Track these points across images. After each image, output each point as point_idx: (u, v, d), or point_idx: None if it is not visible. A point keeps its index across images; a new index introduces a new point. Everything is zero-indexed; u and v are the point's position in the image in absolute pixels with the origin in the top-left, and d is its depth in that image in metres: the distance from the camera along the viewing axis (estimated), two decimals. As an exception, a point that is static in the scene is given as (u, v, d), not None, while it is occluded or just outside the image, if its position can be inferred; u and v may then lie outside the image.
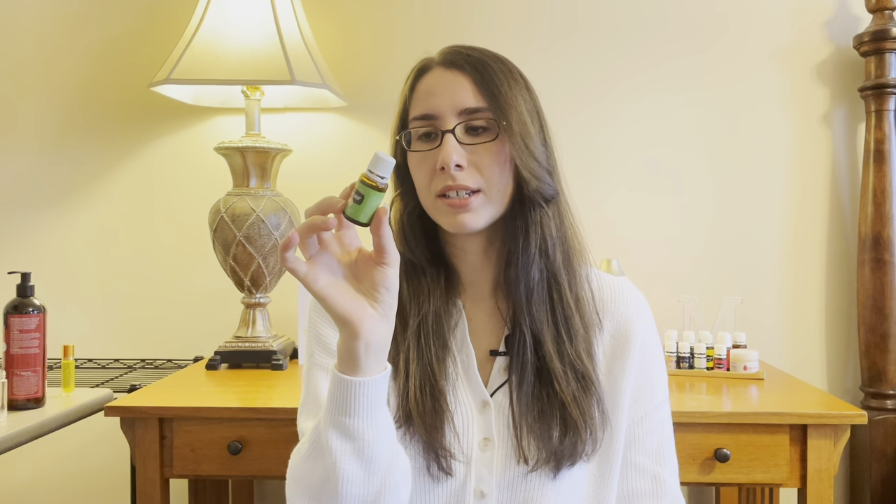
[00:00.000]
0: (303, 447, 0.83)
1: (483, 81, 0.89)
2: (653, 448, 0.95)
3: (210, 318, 1.99)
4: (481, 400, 0.92)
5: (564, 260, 0.92)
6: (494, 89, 0.89)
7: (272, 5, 1.72)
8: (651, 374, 0.96)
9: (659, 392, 0.97)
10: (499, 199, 0.90)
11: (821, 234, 1.95)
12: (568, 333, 0.91)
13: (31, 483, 2.02)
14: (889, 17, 1.83)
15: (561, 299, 0.91)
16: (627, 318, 0.95)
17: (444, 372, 0.91)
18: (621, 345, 0.95)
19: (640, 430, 0.95)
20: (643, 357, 0.95)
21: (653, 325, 0.99)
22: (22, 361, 1.38)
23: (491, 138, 0.89)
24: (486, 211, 0.89)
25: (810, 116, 1.95)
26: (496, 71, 0.90)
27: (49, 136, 2.03)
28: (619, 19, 1.97)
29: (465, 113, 0.89)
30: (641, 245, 1.95)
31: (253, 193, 1.74)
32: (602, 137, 1.96)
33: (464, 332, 0.94)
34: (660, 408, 0.97)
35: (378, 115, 1.98)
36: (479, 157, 0.88)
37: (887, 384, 1.83)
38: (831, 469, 1.35)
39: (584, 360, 0.91)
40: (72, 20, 2.02)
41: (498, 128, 0.88)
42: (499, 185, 0.89)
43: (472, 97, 0.89)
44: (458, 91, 0.89)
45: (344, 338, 0.75)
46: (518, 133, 0.88)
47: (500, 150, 0.89)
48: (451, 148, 0.87)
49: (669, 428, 0.98)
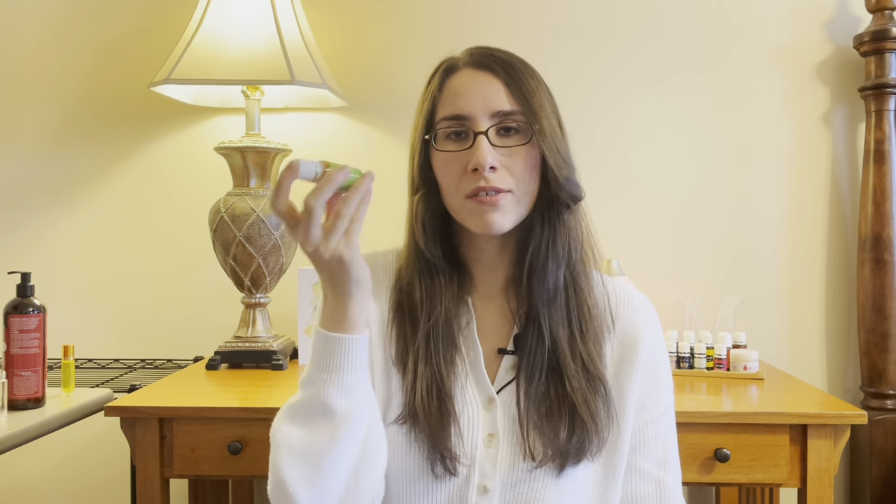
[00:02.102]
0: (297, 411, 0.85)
1: (514, 84, 0.90)
2: (657, 454, 0.96)
3: (210, 318, 1.99)
4: (487, 397, 0.93)
5: (582, 262, 0.94)
6: (526, 92, 0.90)
7: (272, 5, 1.72)
8: (657, 380, 0.97)
9: (665, 398, 0.98)
10: (526, 201, 0.91)
11: (821, 234, 1.95)
12: (582, 334, 0.92)
13: (31, 483, 2.02)
14: (889, 17, 1.83)
15: (578, 301, 0.93)
16: (635, 323, 0.96)
17: (452, 371, 0.92)
18: (629, 350, 0.95)
19: (645, 435, 0.96)
20: (650, 363, 0.96)
21: (660, 332, 1.00)
22: (22, 361, 1.38)
23: (524, 141, 0.90)
24: (514, 212, 0.91)
25: (810, 116, 1.95)
26: (525, 74, 0.92)
27: (49, 136, 2.03)
28: (618, 20, 1.96)
29: (498, 115, 0.89)
30: (641, 245, 1.95)
31: (253, 193, 1.74)
32: (601, 137, 1.96)
33: (472, 331, 0.95)
34: (665, 414, 0.98)
35: (378, 115, 1.98)
36: (512, 159, 0.89)
37: (887, 384, 1.83)
38: (831, 469, 1.35)
39: (596, 362, 0.92)
40: (72, 20, 2.02)
41: (531, 131, 0.89)
42: (527, 188, 0.91)
43: (506, 99, 0.90)
44: (490, 93, 0.90)
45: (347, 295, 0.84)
46: (550, 136, 0.90)
47: (530, 153, 0.90)
48: (485, 150, 0.88)
49: (674, 434, 0.99)
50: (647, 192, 1.96)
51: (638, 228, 1.96)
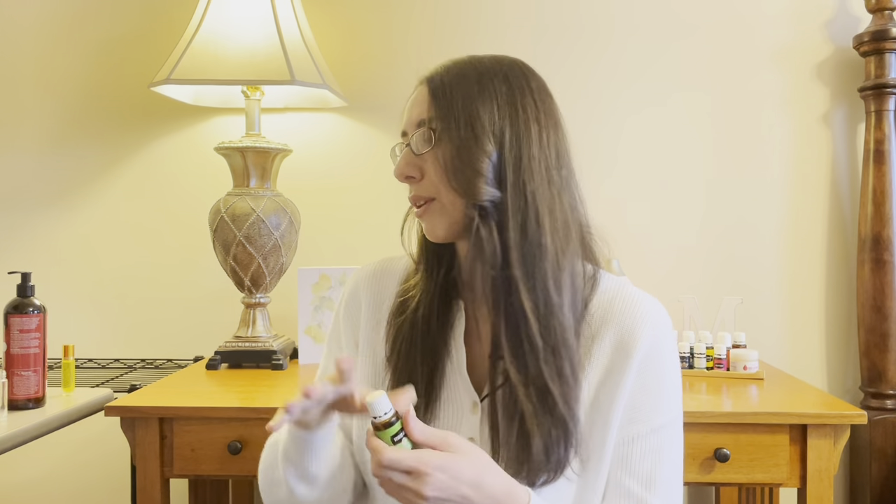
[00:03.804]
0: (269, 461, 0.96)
1: (434, 92, 0.90)
2: (643, 472, 0.89)
3: (210, 318, 1.99)
4: (472, 401, 0.93)
5: (528, 265, 0.86)
6: (444, 98, 0.89)
7: (272, 5, 1.72)
8: (653, 394, 0.90)
9: (661, 414, 0.91)
10: (452, 205, 0.89)
11: (821, 233, 1.96)
12: (529, 345, 0.86)
13: (31, 483, 2.02)
14: (889, 18, 1.83)
15: (517, 308, 0.86)
16: (632, 330, 0.90)
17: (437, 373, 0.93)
18: (620, 358, 0.90)
19: (631, 450, 0.90)
20: (645, 373, 0.90)
21: (664, 342, 0.92)
22: (22, 361, 1.38)
23: (431, 147, 0.90)
24: (441, 219, 0.90)
25: (810, 116, 1.95)
26: (456, 79, 0.90)
27: (49, 136, 2.03)
28: (618, 20, 1.97)
29: (419, 124, 0.90)
30: (641, 245, 1.95)
31: (253, 193, 1.74)
32: (601, 137, 1.96)
33: (459, 333, 0.95)
34: (660, 431, 0.91)
35: (378, 116, 1.98)
36: (426, 166, 0.90)
37: (887, 384, 1.83)
38: (831, 469, 1.35)
39: (545, 377, 0.85)
40: (71, 20, 2.02)
41: (434, 135, 0.89)
42: (447, 193, 0.89)
43: (425, 109, 0.90)
44: (416, 104, 0.92)
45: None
46: (453, 140, 0.87)
47: (442, 159, 0.88)
48: (401, 160, 0.92)
49: (671, 455, 0.91)
50: (646, 192, 1.96)
51: (638, 228, 1.96)
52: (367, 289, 1.02)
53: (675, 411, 0.93)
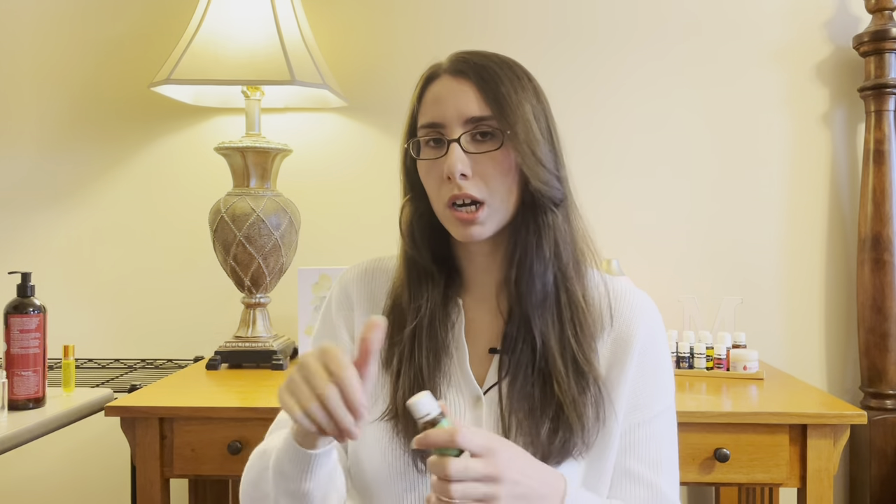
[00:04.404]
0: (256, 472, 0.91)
1: (487, 88, 0.89)
2: (650, 456, 0.94)
3: (210, 318, 1.99)
4: (474, 396, 0.93)
5: (575, 262, 0.93)
6: (499, 96, 0.89)
7: (272, 5, 1.72)
8: (652, 381, 0.95)
9: (660, 400, 0.95)
10: (503, 207, 0.90)
11: (820, 233, 1.96)
12: (575, 335, 0.91)
13: (31, 483, 2.02)
14: (889, 18, 1.83)
15: (570, 301, 0.92)
16: (630, 322, 0.95)
17: (438, 370, 0.93)
18: (621, 349, 0.94)
19: (636, 436, 0.94)
20: (644, 363, 0.94)
21: (659, 332, 0.97)
22: (22, 361, 1.38)
23: (496, 147, 0.89)
24: (493, 221, 0.91)
25: (810, 116, 1.95)
26: (501, 77, 0.90)
27: (49, 136, 2.03)
28: (617, 20, 1.97)
29: (471, 122, 0.89)
30: (641, 245, 1.95)
31: (253, 193, 1.74)
32: (601, 137, 1.96)
33: (460, 331, 0.96)
34: (661, 416, 0.95)
35: (378, 115, 1.98)
36: (484, 166, 0.89)
37: (887, 384, 1.83)
38: (831, 469, 1.35)
39: (591, 362, 0.91)
40: (72, 20, 2.02)
41: (503, 136, 0.89)
42: (502, 194, 0.90)
43: (477, 105, 0.89)
44: (462, 99, 0.90)
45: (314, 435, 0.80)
46: (524, 140, 0.88)
47: (504, 158, 0.89)
48: (455, 157, 0.88)
49: (671, 437, 0.96)
50: (646, 192, 1.96)
51: (638, 228, 1.96)
52: (360, 288, 1.01)
53: (670, 396, 0.98)
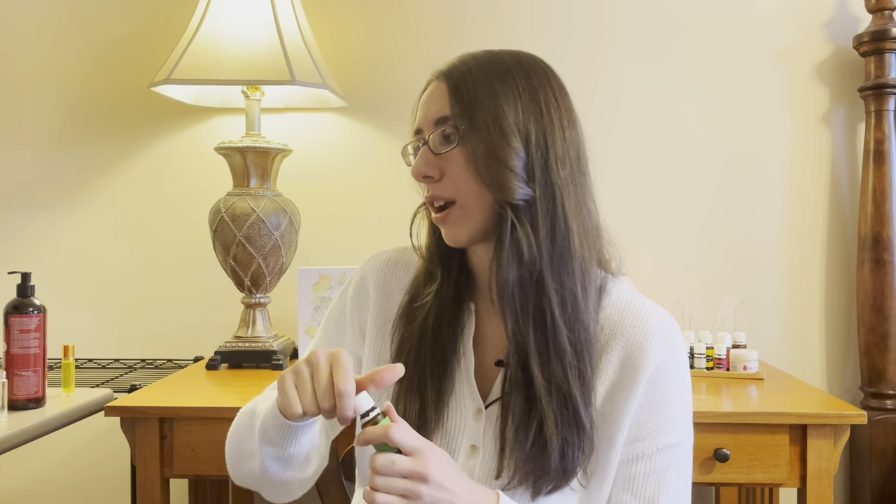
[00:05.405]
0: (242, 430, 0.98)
1: (456, 88, 0.86)
2: (646, 492, 0.87)
3: (210, 318, 1.99)
4: (476, 407, 0.90)
5: (556, 267, 0.85)
6: (465, 95, 0.86)
7: (272, 5, 1.72)
8: (661, 413, 0.87)
9: (667, 434, 0.88)
10: (478, 207, 0.86)
11: (820, 233, 1.96)
12: (556, 349, 0.84)
13: (31, 483, 2.02)
14: (889, 18, 1.83)
15: (547, 311, 0.84)
16: (642, 346, 0.87)
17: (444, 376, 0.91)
18: (628, 373, 0.87)
19: (634, 469, 0.87)
20: (653, 391, 0.87)
21: (675, 360, 0.89)
22: (22, 361, 1.38)
23: (455, 145, 0.86)
24: (466, 222, 0.87)
25: (810, 116, 1.95)
26: (477, 76, 0.86)
27: (49, 136, 2.03)
28: (618, 20, 1.97)
29: (439, 122, 0.87)
30: (641, 245, 1.95)
31: (253, 193, 1.74)
32: (601, 137, 1.96)
33: (469, 337, 0.93)
34: (666, 452, 0.88)
35: (378, 115, 1.98)
36: (448, 165, 0.86)
37: (887, 384, 1.83)
38: (831, 469, 1.35)
39: (569, 382, 0.84)
40: (71, 20, 2.02)
41: (458, 133, 0.86)
42: (470, 194, 0.86)
43: (446, 105, 0.86)
44: (435, 101, 0.88)
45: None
46: (482, 137, 0.84)
47: (466, 157, 0.85)
48: (419, 159, 0.88)
49: (676, 478, 0.88)
50: (646, 192, 1.96)
51: (638, 228, 1.96)
52: (378, 281, 0.99)
53: (682, 433, 0.89)
